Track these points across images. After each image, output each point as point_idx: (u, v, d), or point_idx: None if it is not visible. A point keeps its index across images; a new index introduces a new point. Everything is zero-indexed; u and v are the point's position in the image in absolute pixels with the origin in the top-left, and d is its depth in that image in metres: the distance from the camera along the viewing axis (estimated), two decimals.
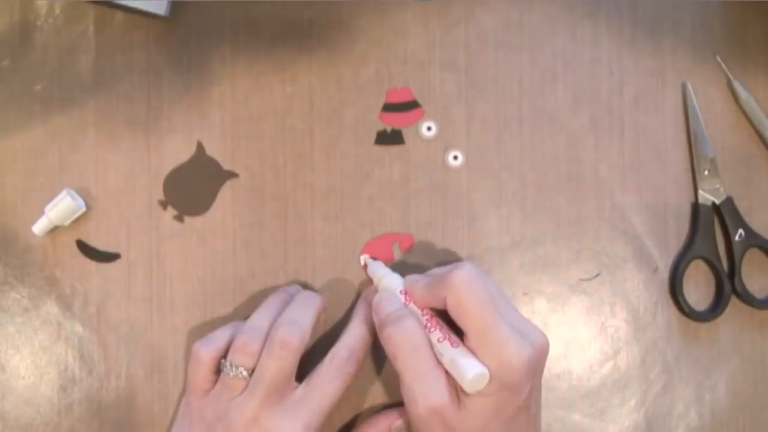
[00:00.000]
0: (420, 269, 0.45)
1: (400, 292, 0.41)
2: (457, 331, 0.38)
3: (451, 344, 0.38)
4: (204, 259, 0.46)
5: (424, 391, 0.37)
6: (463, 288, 0.37)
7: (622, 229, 0.46)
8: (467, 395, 0.37)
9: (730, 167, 0.46)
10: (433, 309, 0.40)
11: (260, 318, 0.41)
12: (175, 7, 0.46)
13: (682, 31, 0.47)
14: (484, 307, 0.37)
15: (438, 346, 0.38)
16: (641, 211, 0.46)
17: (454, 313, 0.38)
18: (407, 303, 0.40)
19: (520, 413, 0.38)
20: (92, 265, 0.46)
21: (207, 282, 0.46)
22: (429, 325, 0.39)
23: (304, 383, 0.41)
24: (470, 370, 0.36)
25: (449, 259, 0.46)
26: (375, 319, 0.41)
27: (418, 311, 0.40)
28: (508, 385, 0.37)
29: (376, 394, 0.45)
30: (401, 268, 0.45)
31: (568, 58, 0.47)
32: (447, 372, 0.38)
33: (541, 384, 0.40)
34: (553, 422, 0.46)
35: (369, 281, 0.45)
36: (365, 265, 0.45)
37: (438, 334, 0.38)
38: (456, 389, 0.38)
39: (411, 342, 0.38)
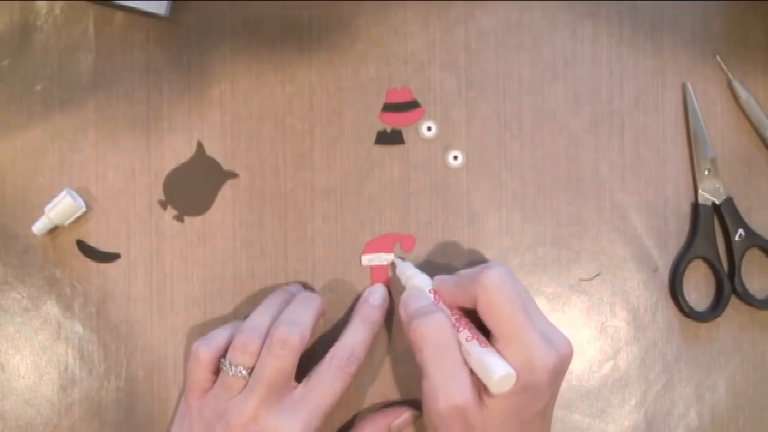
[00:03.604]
0: (422, 270, 0.45)
1: (429, 291, 0.41)
2: (484, 333, 0.38)
3: (480, 344, 0.37)
4: (204, 259, 0.46)
5: (448, 387, 0.37)
6: (495, 288, 0.37)
7: (622, 229, 0.46)
8: (490, 396, 0.37)
9: (730, 167, 0.46)
10: (461, 309, 0.40)
11: (260, 317, 0.41)
12: (175, 7, 0.46)
13: (682, 31, 0.47)
14: (515, 309, 0.37)
15: (466, 345, 0.38)
16: (641, 211, 0.46)
17: (483, 313, 0.38)
18: (436, 302, 0.40)
19: (537, 417, 0.38)
20: (92, 265, 0.46)
21: (207, 282, 0.46)
22: (458, 324, 0.39)
23: (303, 383, 0.41)
24: (498, 370, 0.36)
25: (450, 259, 0.46)
26: (402, 314, 0.41)
27: (447, 310, 0.40)
28: (531, 389, 0.37)
29: (376, 394, 0.45)
30: None
31: (568, 58, 0.47)
32: (471, 372, 0.38)
33: (558, 391, 0.40)
34: (553, 422, 0.45)
35: (376, 278, 0.45)
36: (393, 265, 0.45)
37: (467, 333, 0.38)
38: (479, 389, 0.38)
39: (438, 336, 0.38)
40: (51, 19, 0.46)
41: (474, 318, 0.39)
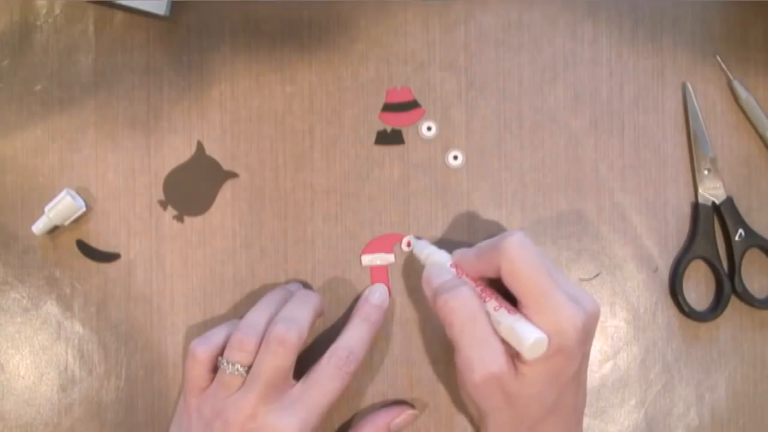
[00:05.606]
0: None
1: (450, 266, 0.41)
2: (510, 301, 0.38)
3: (508, 312, 0.38)
4: (204, 259, 0.46)
5: (483, 358, 0.37)
6: (517, 254, 0.37)
7: (622, 229, 0.46)
8: (524, 362, 0.37)
9: (730, 167, 0.46)
10: (484, 280, 0.40)
11: (257, 315, 0.41)
12: (175, 7, 0.46)
13: (682, 31, 0.47)
14: (539, 273, 0.37)
15: (495, 315, 0.38)
16: (641, 211, 0.46)
17: (508, 280, 0.38)
18: (459, 276, 0.40)
19: (571, 380, 0.38)
20: (92, 265, 0.46)
21: (207, 282, 0.46)
22: (484, 295, 0.39)
23: (302, 381, 0.41)
24: (530, 335, 0.36)
25: None
26: (426, 291, 0.41)
27: (471, 283, 0.40)
28: (563, 351, 0.37)
29: (375, 394, 0.45)
30: (403, 267, 0.45)
31: (568, 58, 0.47)
32: (503, 341, 0.38)
33: (590, 352, 0.40)
34: None
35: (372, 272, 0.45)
36: (408, 245, 0.45)
37: (494, 303, 0.38)
38: (512, 357, 0.38)
39: (467, 309, 0.38)
40: (51, 19, 0.46)
41: (497, 288, 0.39)
